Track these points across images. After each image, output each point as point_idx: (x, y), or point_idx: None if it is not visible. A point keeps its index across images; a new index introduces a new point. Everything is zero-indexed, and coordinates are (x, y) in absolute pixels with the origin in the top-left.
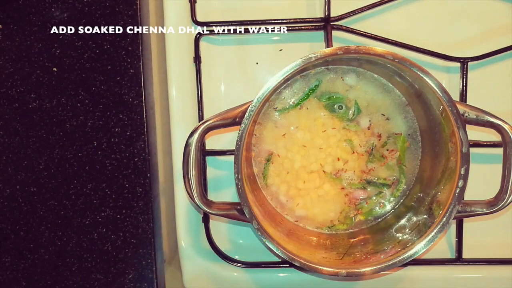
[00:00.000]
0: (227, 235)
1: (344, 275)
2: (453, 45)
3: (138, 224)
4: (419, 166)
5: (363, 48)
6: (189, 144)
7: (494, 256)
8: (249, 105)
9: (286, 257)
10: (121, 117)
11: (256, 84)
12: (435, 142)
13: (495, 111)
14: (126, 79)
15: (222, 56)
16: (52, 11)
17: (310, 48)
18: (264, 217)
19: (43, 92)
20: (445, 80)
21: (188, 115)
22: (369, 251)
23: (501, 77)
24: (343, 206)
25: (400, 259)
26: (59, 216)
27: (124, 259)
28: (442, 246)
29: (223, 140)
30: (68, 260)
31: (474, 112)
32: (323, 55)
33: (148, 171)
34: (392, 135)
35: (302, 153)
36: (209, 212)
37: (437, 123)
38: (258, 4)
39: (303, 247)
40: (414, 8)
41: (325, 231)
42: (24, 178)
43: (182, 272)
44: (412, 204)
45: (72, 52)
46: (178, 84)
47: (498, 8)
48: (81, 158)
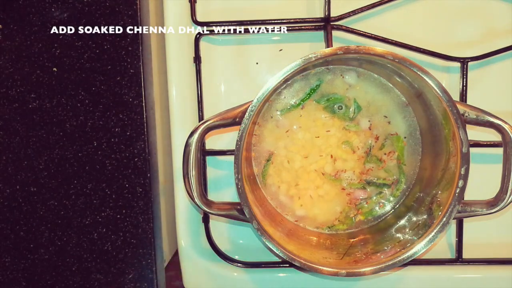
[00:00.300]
0: (227, 235)
1: (344, 275)
2: (453, 45)
3: (138, 224)
4: (419, 166)
5: (363, 48)
6: (189, 144)
7: (494, 256)
8: (249, 105)
9: (286, 257)
10: (121, 117)
11: (256, 84)
12: (435, 142)
13: (495, 111)
14: (126, 79)
15: (222, 56)
16: (52, 11)
17: (310, 48)
18: (264, 217)
19: (43, 92)
20: (445, 80)
21: (188, 115)
22: (369, 251)
23: (501, 77)
24: (343, 206)
25: (400, 259)
26: (59, 216)
27: (124, 259)
28: (442, 246)
29: (223, 140)
30: (68, 260)
31: (474, 112)
32: (323, 55)
33: (148, 171)
34: (388, 136)
35: (302, 153)
36: (209, 212)
37: (437, 123)
38: (258, 4)
39: (303, 247)
40: (414, 8)
41: (325, 231)
42: (24, 178)
43: (182, 272)
44: (412, 204)
45: (72, 52)
46: (178, 84)
47: (498, 8)
48: (81, 158)
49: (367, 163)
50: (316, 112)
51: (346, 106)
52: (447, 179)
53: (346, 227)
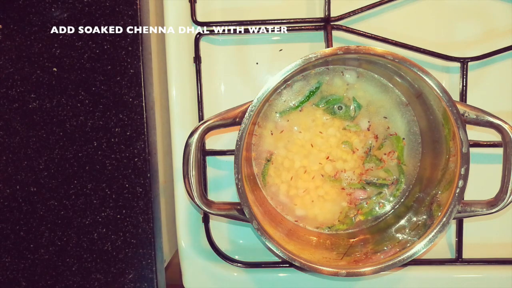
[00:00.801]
0: (227, 235)
1: (344, 275)
2: (453, 45)
3: (138, 224)
4: (419, 166)
5: (363, 48)
6: (189, 144)
7: (494, 256)
8: (249, 105)
9: (286, 257)
10: (121, 117)
11: (256, 84)
12: (435, 142)
13: (495, 111)
14: (126, 79)
15: (222, 56)
16: (52, 11)
17: (310, 48)
18: (264, 217)
19: (43, 92)
20: (445, 80)
21: (188, 115)
22: (369, 251)
23: (501, 77)
24: (343, 206)
25: (400, 259)
26: (59, 216)
27: (124, 259)
28: (442, 246)
29: (223, 140)
30: (68, 260)
31: (474, 112)
32: (323, 55)
33: (148, 171)
34: (388, 137)
35: (302, 153)
36: (209, 212)
37: (437, 123)
38: (258, 4)
39: (303, 247)
40: (414, 8)
41: (325, 231)
42: (24, 178)
43: (182, 272)
44: (412, 204)
45: (72, 52)
46: (178, 84)
47: (498, 8)
48: (81, 158)
49: (366, 163)
50: (315, 112)
51: (346, 105)
52: (447, 179)
53: (346, 227)
